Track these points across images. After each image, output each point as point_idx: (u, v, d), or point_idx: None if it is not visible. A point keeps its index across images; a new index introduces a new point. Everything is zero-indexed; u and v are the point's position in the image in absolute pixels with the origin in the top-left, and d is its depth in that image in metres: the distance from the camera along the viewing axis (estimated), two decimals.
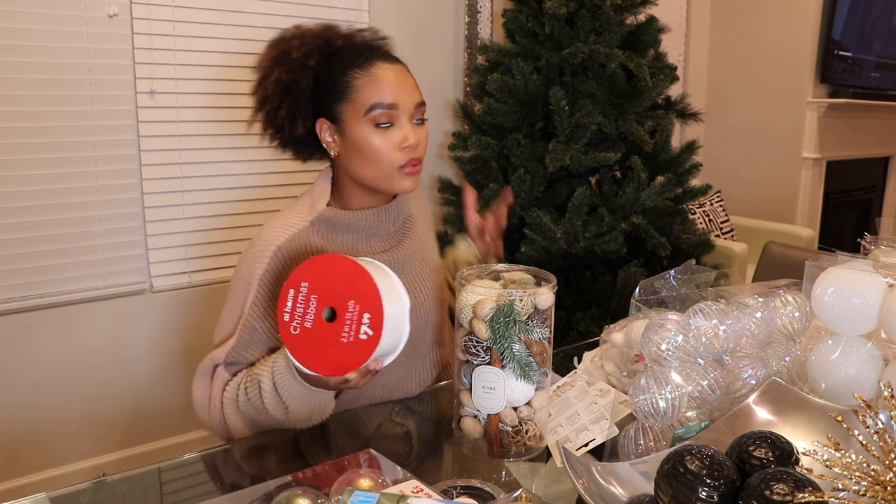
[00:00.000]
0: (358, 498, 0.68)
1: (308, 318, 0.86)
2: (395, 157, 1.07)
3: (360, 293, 0.84)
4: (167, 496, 0.95)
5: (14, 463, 2.12)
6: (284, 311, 0.88)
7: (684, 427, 0.88)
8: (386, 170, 1.08)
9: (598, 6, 2.38)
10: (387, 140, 1.07)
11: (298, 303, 0.87)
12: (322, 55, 1.11)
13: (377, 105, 1.06)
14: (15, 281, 2.05)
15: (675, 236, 2.46)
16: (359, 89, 1.07)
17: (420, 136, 1.10)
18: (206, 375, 1.09)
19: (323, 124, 1.11)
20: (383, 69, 1.08)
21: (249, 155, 2.40)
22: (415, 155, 1.09)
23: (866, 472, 0.58)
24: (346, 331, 0.85)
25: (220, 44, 2.31)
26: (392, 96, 1.06)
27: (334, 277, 0.86)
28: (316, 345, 0.87)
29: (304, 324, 0.87)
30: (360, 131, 1.07)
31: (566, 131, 2.35)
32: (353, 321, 0.84)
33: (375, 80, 1.07)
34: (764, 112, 3.90)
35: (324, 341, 0.86)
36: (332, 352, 0.86)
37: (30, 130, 2.02)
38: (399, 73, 1.10)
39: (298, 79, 1.10)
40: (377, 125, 1.06)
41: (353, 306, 0.84)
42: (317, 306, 0.86)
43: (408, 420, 1.15)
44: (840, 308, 0.90)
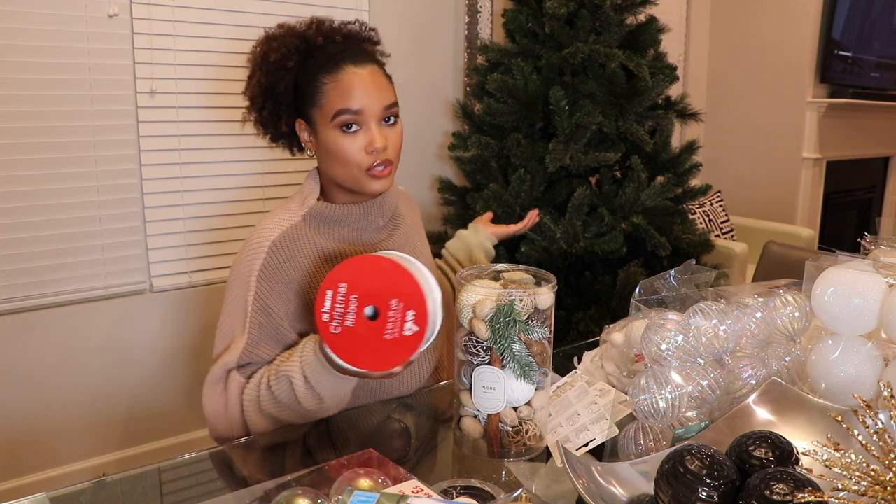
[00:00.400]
0: (358, 498, 0.68)
1: (349, 317, 0.89)
2: (362, 159, 1.10)
3: (403, 291, 0.87)
4: (167, 496, 0.95)
5: (14, 463, 2.12)
6: (323, 311, 0.90)
7: (684, 427, 0.88)
8: (354, 172, 1.11)
9: (598, 6, 2.38)
10: (353, 144, 1.09)
11: (337, 303, 0.89)
12: (300, 56, 1.14)
13: (343, 111, 1.08)
14: (15, 281, 2.05)
15: (675, 236, 2.46)
16: (326, 95, 1.09)
17: (390, 138, 1.12)
18: (219, 383, 1.08)
19: (301, 125, 1.15)
20: (351, 74, 1.09)
21: (249, 155, 2.40)
22: (384, 157, 1.10)
23: (866, 472, 0.58)
24: (391, 328, 0.87)
25: (220, 44, 2.31)
26: (358, 102, 1.08)
27: (373, 277, 0.88)
28: (359, 342, 0.89)
29: (346, 323, 0.89)
30: (328, 135, 1.10)
31: (566, 131, 2.35)
32: (397, 318, 0.87)
33: (342, 86, 1.09)
34: (764, 112, 3.90)
35: (367, 339, 0.89)
36: (377, 348, 0.88)
37: (30, 130, 2.02)
38: (367, 77, 1.10)
39: (277, 81, 1.13)
40: (343, 129, 1.09)
41: (397, 304, 0.87)
42: (357, 305, 0.88)
43: (408, 420, 1.15)
44: (840, 308, 0.90)
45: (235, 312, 1.09)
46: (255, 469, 1.02)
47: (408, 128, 1.21)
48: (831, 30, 3.69)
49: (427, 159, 2.89)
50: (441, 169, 2.88)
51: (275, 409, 1.04)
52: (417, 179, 2.84)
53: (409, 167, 2.75)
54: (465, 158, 2.63)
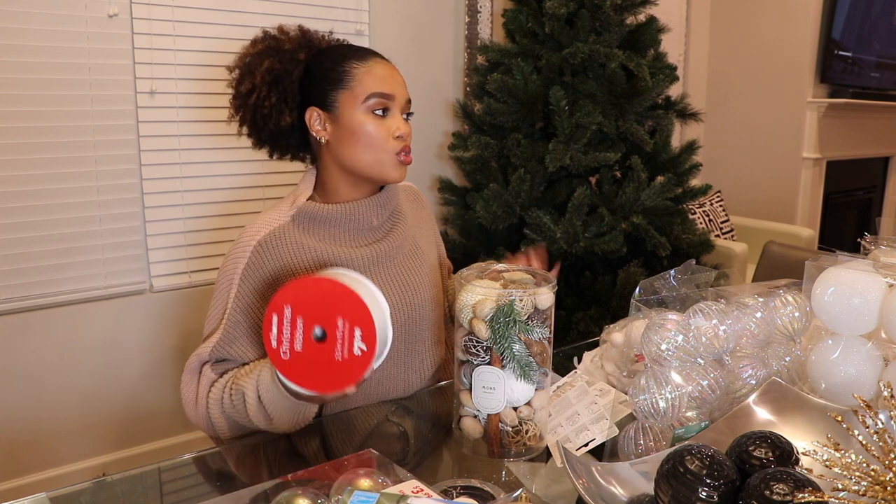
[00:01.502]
0: (358, 498, 0.68)
1: (297, 340, 0.87)
2: (390, 144, 1.12)
3: (347, 309, 0.85)
4: (167, 496, 0.95)
5: (14, 463, 2.12)
6: (270, 336, 0.88)
7: (684, 427, 0.88)
8: (381, 156, 1.12)
9: (598, 6, 2.38)
10: (382, 127, 1.11)
11: (284, 327, 0.87)
12: (310, 51, 1.16)
13: (376, 94, 1.11)
14: (15, 281, 2.05)
15: (675, 236, 2.47)
16: (358, 78, 1.11)
17: (410, 129, 1.16)
18: (194, 374, 1.09)
19: (313, 112, 1.14)
20: (380, 64, 1.14)
21: (249, 155, 2.39)
22: (406, 144, 1.14)
23: (866, 472, 0.58)
24: (339, 348, 0.85)
25: (220, 44, 2.31)
26: (389, 87, 1.12)
27: (316, 297, 0.86)
28: (309, 366, 0.87)
29: (294, 347, 0.87)
30: (357, 118, 1.11)
31: (566, 131, 2.35)
32: (344, 338, 0.85)
33: (374, 72, 1.12)
34: (764, 112, 3.90)
35: (317, 361, 0.86)
36: (327, 370, 0.86)
37: (30, 130, 2.02)
38: (393, 70, 1.16)
39: (290, 69, 1.14)
40: (374, 113, 1.11)
41: (343, 324, 0.85)
42: (304, 328, 0.86)
43: (407, 420, 1.15)
44: (840, 308, 0.90)
45: (217, 308, 1.10)
46: (254, 469, 1.02)
47: None
48: (831, 30, 3.69)
49: (427, 159, 2.89)
50: (441, 169, 2.88)
51: (235, 415, 1.05)
52: (417, 179, 2.84)
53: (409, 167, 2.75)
54: (465, 158, 2.63)
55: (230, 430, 1.07)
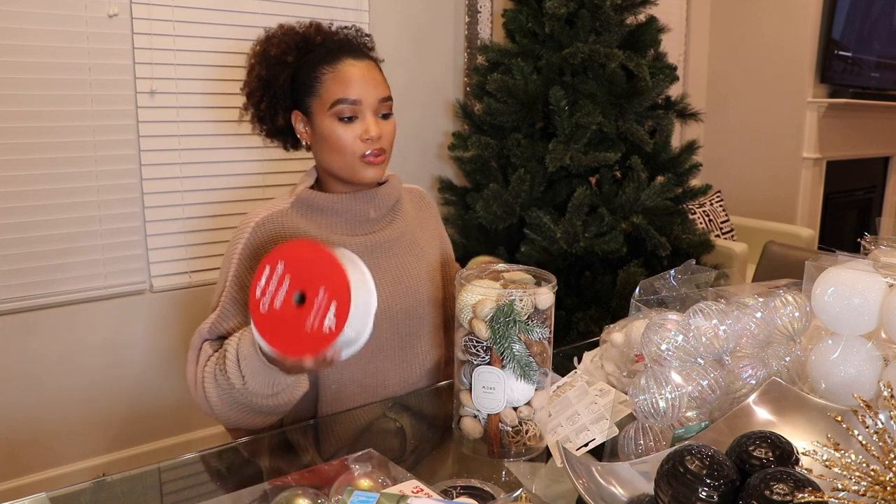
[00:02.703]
0: (358, 498, 0.68)
1: (278, 297, 0.88)
2: (357, 147, 1.13)
3: (331, 282, 0.85)
4: (167, 496, 0.95)
5: (14, 463, 2.12)
6: (258, 285, 0.89)
7: (684, 427, 0.88)
8: (348, 159, 1.14)
9: (598, 6, 2.38)
10: (349, 132, 1.13)
11: (272, 281, 0.88)
12: (300, 52, 1.18)
13: (340, 100, 1.12)
14: (15, 281, 2.05)
15: (675, 236, 2.46)
16: (325, 84, 1.13)
17: (384, 129, 1.15)
18: (195, 351, 1.11)
19: (297, 116, 1.18)
20: (349, 66, 1.14)
21: (249, 155, 2.40)
22: (377, 146, 1.14)
23: (866, 472, 0.58)
24: (312, 317, 0.85)
25: (219, 44, 2.31)
26: (355, 92, 1.12)
27: (310, 263, 0.87)
28: (281, 325, 0.88)
29: (274, 303, 0.88)
30: (325, 124, 1.14)
31: (566, 131, 2.35)
32: (320, 308, 0.85)
33: (340, 77, 1.13)
34: (764, 112, 3.90)
35: (289, 323, 0.87)
36: (294, 334, 0.87)
37: (30, 130, 2.02)
38: (365, 70, 1.15)
39: (277, 74, 1.17)
40: (340, 119, 1.13)
41: (323, 293, 0.85)
42: (288, 288, 0.87)
43: (407, 420, 1.15)
44: (840, 308, 0.90)
45: (219, 286, 1.14)
46: (255, 469, 1.02)
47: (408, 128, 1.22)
48: (831, 30, 3.69)
49: (427, 159, 2.88)
50: (441, 169, 2.88)
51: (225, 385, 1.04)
52: (417, 179, 2.83)
53: (409, 167, 2.75)
54: (465, 158, 2.63)
55: (222, 406, 1.06)
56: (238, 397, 1.04)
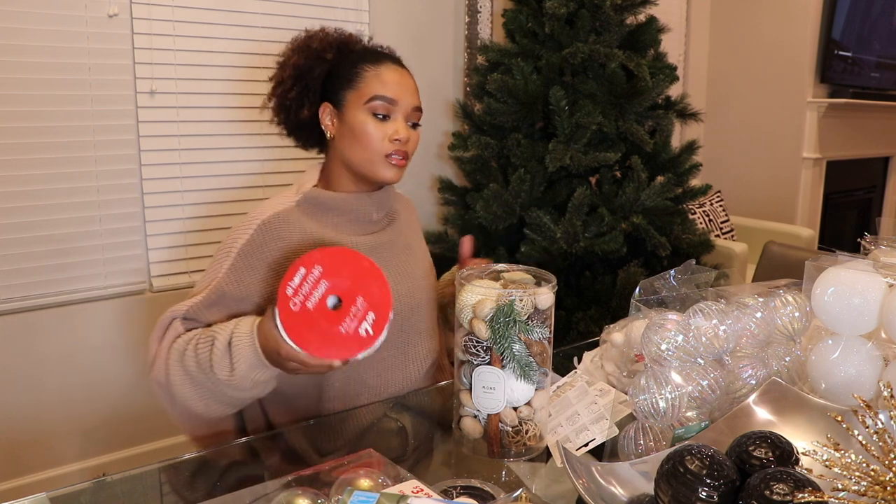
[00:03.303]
0: (358, 498, 0.68)
1: (312, 299, 0.89)
2: (384, 146, 1.15)
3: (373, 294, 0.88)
4: (167, 496, 0.95)
5: (14, 463, 2.12)
6: (289, 284, 0.90)
7: (684, 427, 0.88)
8: (374, 155, 1.16)
9: (598, 6, 2.38)
10: (380, 130, 1.15)
11: (306, 282, 0.89)
12: (340, 52, 1.22)
13: (378, 97, 1.16)
14: (15, 281, 2.05)
15: (675, 236, 2.46)
16: (365, 79, 1.17)
17: (412, 136, 1.19)
18: (161, 327, 1.10)
19: (326, 108, 1.20)
20: (391, 69, 1.20)
21: (249, 155, 2.40)
22: (403, 149, 1.17)
23: (866, 472, 0.58)
24: (348, 323, 0.88)
25: (220, 44, 2.31)
26: (393, 92, 1.16)
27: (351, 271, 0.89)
28: (311, 325, 0.89)
29: (307, 303, 0.89)
30: (358, 116, 1.16)
31: (566, 131, 2.35)
32: (357, 316, 0.87)
33: (381, 76, 1.17)
34: (764, 112, 3.90)
35: (320, 325, 0.89)
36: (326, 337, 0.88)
37: (30, 130, 2.02)
38: (403, 76, 1.20)
39: (313, 66, 1.20)
40: (375, 114, 1.16)
41: (362, 303, 0.87)
42: (324, 291, 0.89)
43: (408, 420, 1.15)
44: (840, 308, 0.90)
45: (208, 276, 1.12)
46: (254, 469, 1.02)
47: None
48: (831, 30, 3.69)
49: (427, 159, 2.88)
50: (441, 169, 2.88)
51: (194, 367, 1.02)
52: (417, 179, 2.84)
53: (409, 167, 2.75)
54: (465, 158, 2.63)
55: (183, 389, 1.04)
56: (206, 383, 1.02)
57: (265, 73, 1.30)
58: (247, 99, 2.36)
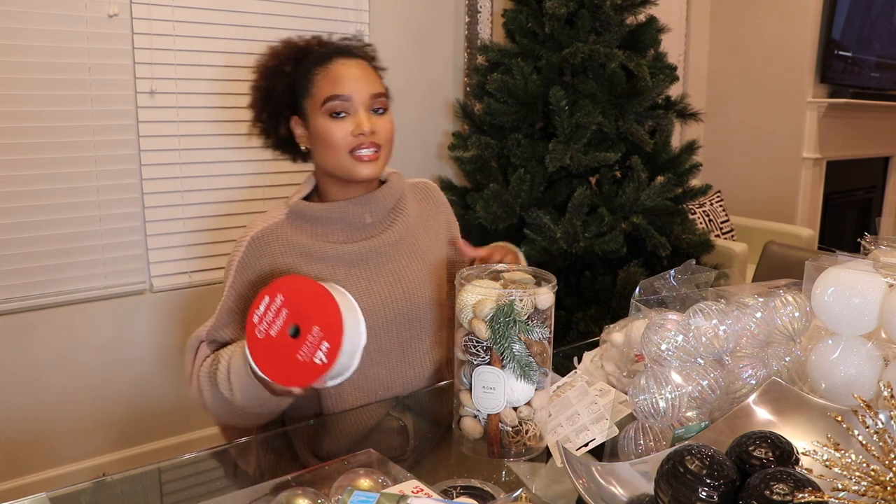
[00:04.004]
0: (358, 498, 0.68)
1: (275, 327, 0.92)
2: (347, 143, 1.14)
3: (327, 323, 0.89)
4: (167, 496, 0.95)
5: (14, 463, 2.12)
6: (256, 313, 0.93)
7: (684, 427, 0.88)
8: (341, 156, 1.14)
9: (598, 6, 2.38)
10: (340, 129, 1.13)
11: (270, 311, 0.92)
12: (297, 61, 1.20)
13: (329, 97, 1.13)
14: (15, 281, 2.05)
15: (675, 236, 2.46)
16: (317, 84, 1.15)
17: (378, 124, 1.15)
18: (192, 351, 1.16)
19: (296, 121, 1.20)
20: (340, 64, 1.16)
21: (250, 155, 2.40)
22: (370, 140, 1.14)
23: (866, 472, 0.58)
24: (304, 351, 0.90)
25: (220, 44, 2.31)
26: (345, 88, 1.14)
27: (308, 300, 0.91)
28: (274, 353, 0.92)
29: (270, 332, 0.92)
30: (318, 122, 1.15)
31: (566, 131, 2.35)
32: (312, 345, 0.89)
33: (331, 75, 1.15)
34: (764, 112, 3.90)
35: (282, 352, 0.91)
36: (286, 364, 0.91)
37: (30, 130, 2.02)
38: (356, 67, 1.16)
39: (275, 84, 1.19)
40: (332, 115, 1.14)
41: (317, 332, 0.89)
42: (285, 320, 0.91)
43: (407, 420, 1.15)
44: (840, 308, 0.90)
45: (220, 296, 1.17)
46: (254, 469, 1.02)
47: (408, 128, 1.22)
48: (831, 30, 3.69)
49: (427, 159, 2.88)
50: (441, 169, 2.88)
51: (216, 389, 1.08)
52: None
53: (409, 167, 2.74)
54: (465, 158, 2.63)
55: (216, 405, 1.10)
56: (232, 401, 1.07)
57: None
58: (247, 99, 2.35)
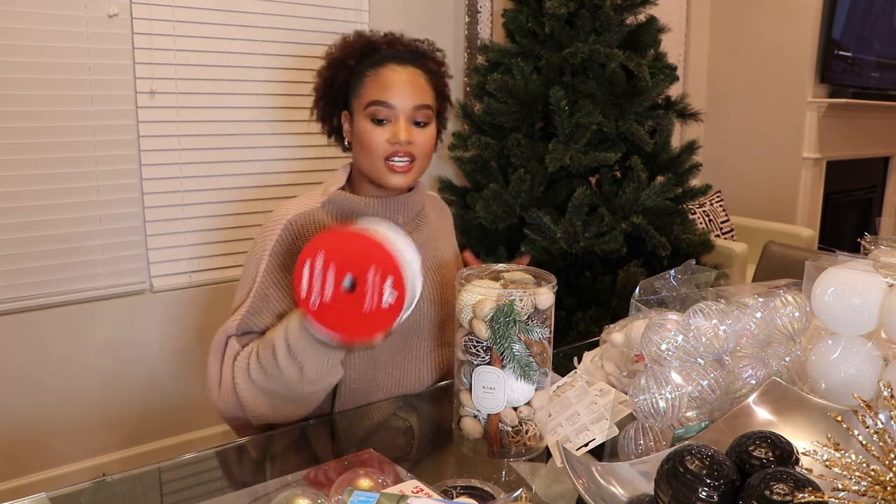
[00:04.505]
0: (358, 498, 0.68)
1: (327, 290, 0.88)
2: (383, 149, 1.14)
3: (378, 260, 0.86)
4: (167, 496, 0.95)
5: (14, 463, 2.12)
6: (301, 284, 0.89)
7: (684, 427, 0.88)
8: (375, 162, 1.15)
9: (598, 6, 2.38)
10: (378, 135, 1.14)
11: (315, 276, 0.89)
12: (362, 57, 1.21)
13: (374, 102, 1.14)
14: (15, 281, 2.05)
15: (675, 236, 2.46)
16: (366, 86, 1.16)
17: (416, 136, 1.15)
18: (219, 350, 1.10)
19: (345, 116, 1.22)
20: (391, 70, 1.17)
21: (250, 155, 2.40)
22: (405, 150, 1.14)
23: (866, 472, 0.58)
24: (369, 299, 0.86)
25: (220, 44, 2.31)
26: (390, 96, 1.14)
27: (350, 247, 0.88)
28: (339, 315, 0.88)
29: (324, 297, 0.89)
30: (361, 123, 1.16)
31: (566, 131, 2.35)
32: (374, 288, 0.86)
33: (379, 80, 1.16)
34: (764, 112, 3.90)
35: (346, 311, 0.88)
36: (355, 319, 0.88)
37: (30, 130, 2.02)
38: (406, 75, 1.17)
39: (335, 75, 1.21)
40: (373, 120, 1.15)
41: (374, 273, 0.86)
42: (335, 277, 0.88)
43: (408, 420, 1.15)
44: (840, 308, 0.90)
45: (245, 284, 1.13)
46: (255, 469, 1.02)
47: None
48: (831, 30, 3.69)
49: None
50: (441, 169, 2.88)
51: (262, 379, 1.04)
52: None
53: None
54: (465, 158, 2.63)
55: (255, 402, 1.05)
56: (278, 390, 1.03)
57: (265, 73, 1.30)
58: (246, 99, 2.36)
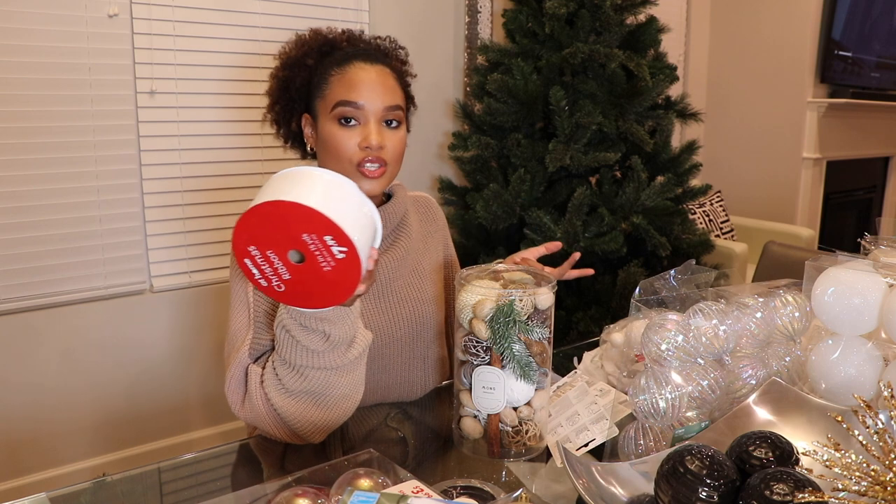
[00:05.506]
0: (358, 498, 0.68)
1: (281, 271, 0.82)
2: (355, 155, 1.07)
3: (307, 223, 0.79)
4: (167, 496, 0.95)
5: (14, 463, 2.12)
6: (255, 279, 0.84)
7: (684, 427, 0.87)
8: (344, 166, 1.08)
9: (598, 6, 2.38)
10: (347, 138, 1.07)
11: (261, 266, 0.83)
12: (321, 56, 1.14)
13: (342, 102, 1.07)
14: (15, 281, 2.05)
15: (675, 236, 2.46)
16: (331, 86, 1.09)
17: (388, 139, 1.09)
18: (240, 385, 1.02)
19: (306, 119, 1.15)
20: (358, 68, 1.09)
21: (249, 155, 2.40)
22: (377, 154, 1.07)
23: (866, 472, 0.58)
24: (322, 260, 0.80)
25: (220, 44, 2.31)
26: (359, 96, 1.07)
27: (271, 225, 0.81)
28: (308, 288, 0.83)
29: (284, 277, 0.83)
30: (327, 126, 1.09)
31: (566, 131, 2.35)
32: (321, 249, 0.80)
33: (346, 79, 1.09)
34: (764, 112, 3.90)
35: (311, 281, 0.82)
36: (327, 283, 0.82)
37: (30, 130, 2.02)
38: (375, 74, 1.09)
39: (292, 76, 1.14)
40: (341, 121, 1.08)
41: (309, 238, 0.79)
42: (280, 258, 0.82)
43: (408, 420, 1.15)
44: (840, 308, 0.90)
45: (240, 307, 1.06)
46: (255, 469, 1.02)
47: None
48: (831, 30, 3.69)
49: (427, 159, 2.89)
50: (441, 169, 2.88)
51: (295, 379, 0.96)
52: (417, 179, 2.84)
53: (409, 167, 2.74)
54: (465, 158, 2.63)
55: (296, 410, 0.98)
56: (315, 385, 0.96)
57: (265, 73, 1.29)
58: (247, 99, 2.36)
